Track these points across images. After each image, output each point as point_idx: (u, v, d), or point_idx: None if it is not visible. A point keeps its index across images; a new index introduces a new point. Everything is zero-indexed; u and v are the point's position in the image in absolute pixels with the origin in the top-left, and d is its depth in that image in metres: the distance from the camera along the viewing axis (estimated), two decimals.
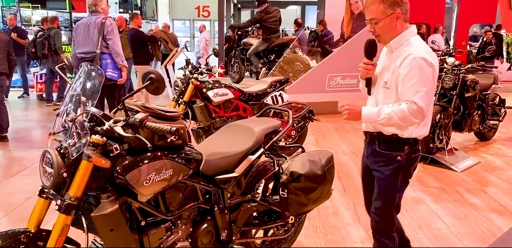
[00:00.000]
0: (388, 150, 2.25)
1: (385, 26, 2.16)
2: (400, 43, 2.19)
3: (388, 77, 2.18)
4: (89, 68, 1.83)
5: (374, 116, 2.13)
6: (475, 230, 3.37)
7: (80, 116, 1.81)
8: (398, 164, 2.24)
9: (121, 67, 4.84)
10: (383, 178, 2.28)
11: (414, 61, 2.08)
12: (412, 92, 2.08)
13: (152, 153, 1.92)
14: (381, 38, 2.21)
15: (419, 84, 2.08)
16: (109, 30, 4.73)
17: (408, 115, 2.09)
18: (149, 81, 1.78)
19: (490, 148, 5.77)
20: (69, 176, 1.77)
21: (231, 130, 2.56)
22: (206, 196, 2.29)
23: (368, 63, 2.21)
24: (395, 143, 2.24)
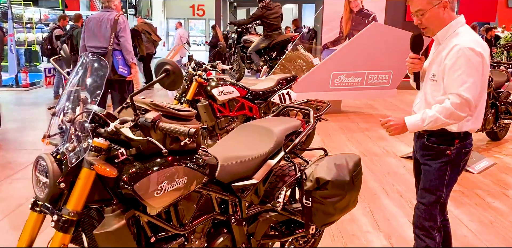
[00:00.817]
0: (437, 144, 2.17)
1: (432, 16, 2.08)
2: (447, 34, 2.10)
3: (435, 69, 2.11)
4: (90, 58, 1.55)
5: (419, 123, 2.08)
6: (504, 237, 3.14)
7: (80, 115, 1.54)
8: (447, 158, 2.16)
9: (131, 64, 4.95)
10: (430, 171, 2.20)
11: (461, 52, 1.98)
12: (458, 83, 1.99)
13: (163, 159, 1.65)
14: (428, 30, 2.14)
15: (465, 75, 1.98)
16: (122, 28, 4.83)
17: (454, 111, 2.00)
18: (164, 73, 1.51)
19: (503, 148, 5.55)
20: (67, 187, 1.50)
21: (248, 131, 2.29)
22: (221, 206, 2.02)
23: (414, 58, 2.15)
24: (445, 137, 2.15)
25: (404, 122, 2.10)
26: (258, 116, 4.37)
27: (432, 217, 2.23)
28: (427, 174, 2.22)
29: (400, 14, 10.90)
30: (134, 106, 1.51)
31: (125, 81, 5.03)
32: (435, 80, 2.11)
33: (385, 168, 4.67)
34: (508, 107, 5.68)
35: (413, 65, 2.17)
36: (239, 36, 8.78)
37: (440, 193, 2.21)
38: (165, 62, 1.52)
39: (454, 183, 2.24)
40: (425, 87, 2.18)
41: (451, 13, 2.09)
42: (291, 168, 2.28)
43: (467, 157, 2.22)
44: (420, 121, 2.07)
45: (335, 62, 7.19)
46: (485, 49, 2.02)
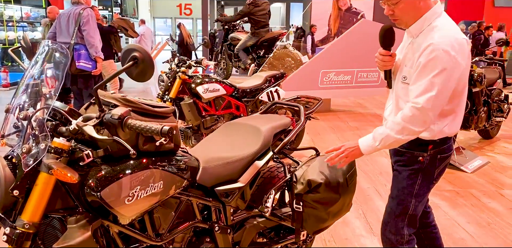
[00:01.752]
0: (409, 149, 1.92)
1: (407, 6, 1.75)
2: (422, 28, 1.78)
3: (406, 71, 1.82)
4: (51, 47, 1.35)
5: (371, 143, 1.82)
6: (503, 240, 3.00)
7: (39, 112, 1.34)
8: (419, 165, 1.91)
9: (96, 58, 4.79)
10: (400, 179, 1.97)
11: (434, 54, 1.67)
12: (419, 91, 1.70)
13: (136, 161, 1.46)
14: (401, 22, 1.82)
15: (430, 84, 1.68)
16: (85, 21, 4.69)
17: (406, 126, 1.73)
18: (131, 61, 1.30)
19: (495, 147, 5.45)
20: (23, 195, 1.30)
21: (233, 129, 2.10)
22: (204, 213, 1.84)
23: (385, 54, 1.84)
24: (417, 142, 1.88)
25: (358, 144, 1.84)
26: (245, 114, 4.18)
27: (398, 230, 1.97)
28: (396, 181, 1.99)
29: None
30: (99, 101, 1.31)
31: (91, 76, 4.90)
32: (406, 83, 1.82)
33: (377, 168, 4.53)
34: (500, 105, 5.58)
35: (383, 62, 1.87)
36: (226, 34, 8.58)
37: (407, 203, 1.95)
38: (133, 49, 1.32)
39: (425, 193, 1.97)
40: (396, 90, 1.90)
41: (428, 2, 1.78)
42: (280, 170, 2.10)
43: (443, 164, 1.95)
44: (372, 141, 1.81)
45: (324, 60, 7.04)
46: (462, 49, 1.70)
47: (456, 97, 1.82)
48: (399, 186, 1.97)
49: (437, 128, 1.84)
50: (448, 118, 1.84)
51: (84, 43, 4.76)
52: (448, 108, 1.81)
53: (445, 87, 1.69)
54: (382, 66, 1.89)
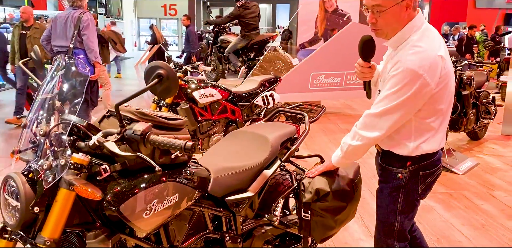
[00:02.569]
0: (388, 164, 1.85)
1: (392, 17, 1.66)
2: (400, 41, 1.72)
3: (381, 86, 1.79)
4: (67, 61, 1.35)
5: (338, 154, 1.87)
6: (498, 242, 3.07)
7: (56, 127, 1.33)
8: (398, 182, 1.82)
9: (94, 63, 4.76)
10: (381, 196, 1.92)
11: (399, 70, 1.63)
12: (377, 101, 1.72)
13: (151, 174, 1.46)
14: (381, 32, 1.73)
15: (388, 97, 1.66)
16: (85, 25, 4.65)
17: (357, 131, 1.76)
18: (156, 79, 1.31)
19: (484, 148, 5.56)
20: (43, 211, 1.29)
21: (240, 138, 2.11)
22: (214, 223, 1.85)
23: (363, 66, 1.77)
24: (396, 157, 1.81)
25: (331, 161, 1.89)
26: (240, 119, 4.20)
27: (389, 246, 1.93)
28: (378, 199, 1.93)
29: None
30: (121, 117, 1.31)
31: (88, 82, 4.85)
32: None
33: (370, 170, 4.57)
34: (488, 107, 5.70)
35: (362, 74, 1.79)
36: (216, 36, 8.57)
37: (392, 221, 1.88)
38: (158, 66, 1.32)
39: (411, 210, 1.88)
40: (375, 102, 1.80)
41: (412, 13, 1.70)
42: (285, 177, 2.12)
43: (429, 180, 1.84)
44: (338, 152, 1.84)
45: (314, 63, 7.09)
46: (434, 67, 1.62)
47: (439, 115, 1.75)
48: (381, 204, 1.92)
49: (413, 145, 1.76)
50: (425, 135, 1.76)
51: (82, 47, 4.70)
52: (426, 125, 1.75)
53: (403, 104, 1.64)
54: (361, 77, 1.83)
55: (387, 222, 1.90)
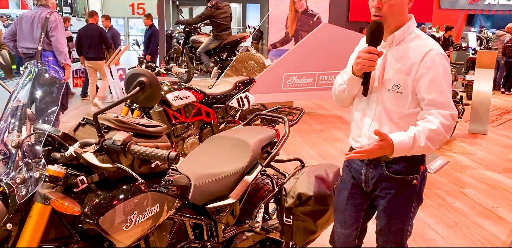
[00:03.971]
0: (401, 174, 1.73)
1: (398, 5, 1.64)
2: (405, 35, 1.70)
3: (400, 79, 1.67)
4: (39, 68, 1.27)
5: (407, 149, 1.61)
6: (471, 239, 3.15)
7: (29, 137, 1.26)
8: (413, 189, 1.76)
9: (64, 65, 4.60)
10: (394, 208, 1.77)
11: (438, 58, 1.63)
12: (445, 100, 1.63)
13: (130, 185, 1.40)
14: (384, 21, 1.65)
15: (447, 89, 1.64)
16: (53, 26, 4.46)
17: (445, 135, 1.63)
18: (138, 87, 1.25)
19: (453, 146, 5.70)
20: (16, 227, 1.21)
21: (220, 143, 2.06)
22: (195, 232, 1.80)
23: (373, 52, 1.64)
24: (410, 163, 1.73)
25: (392, 144, 1.59)
26: (215, 121, 4.14)
27: None
28: (389, 211, 1.78)
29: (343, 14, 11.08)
30: (99, 126, 1.25)
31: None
32: (399, 92, 1.68)
33: None
34: (456, 106, 5.85)
35: (369, 62, 1.64)
36: (187, 36, 8.45)
37: (406, 228, 1.82)
38: (139, 73, 1.26)
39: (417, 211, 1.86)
40: (382, 101, 1.72)
41: (408, 12, 1.73)
42: (267, 183, 2.10)
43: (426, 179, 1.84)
44: (409, 148, 1.60)
45: (287, 63, 7.10)
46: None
47: None
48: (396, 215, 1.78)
49: None
50: None
51: (51, 49, 4.53)
52: None
53: (451, 92, 1.68)
54: (367, 67, 1.65)
55: (403, 231, 1.81)
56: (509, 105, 8.90)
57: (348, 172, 1.87)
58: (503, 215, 3.55)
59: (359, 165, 1.81)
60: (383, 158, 1.72)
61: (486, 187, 4.20)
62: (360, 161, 1.80)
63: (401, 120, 1.69)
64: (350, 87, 1.77)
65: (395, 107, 1.70)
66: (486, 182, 4.33)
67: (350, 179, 1.85)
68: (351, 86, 1.77)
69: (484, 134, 6.23)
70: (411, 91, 1.67)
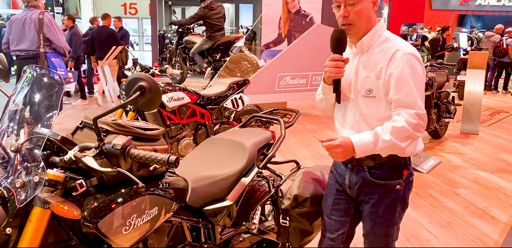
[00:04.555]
0: (384, 179, 1.73)
1: (364, 10, 1.65)
2: (373, 40, 1.70)
3: (372, 83, 1.67)
4: (39, 72, 1.27)
5: (370, 147, 1.63)
6: (463, 239, 3.18)
7: (28, 141, 1.26)
8: (396, 194, 1.75)
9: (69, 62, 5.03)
10: (378, 213, 1.77)
11: (405, 58, 1.62)
12: (412, 98, 1.62)
13: (129, 188, 1.41)
14: (353, 28, 1.67)
15: (415, 87, 1.62)
16: (49, 27, 4.57)
17: (413, 133, 1.62)
18: (138, 91, 1.26)
19: (445, 147, 5.75)
20: (15, 231, 1.21)
21: (216, 145, 2.07)
22: (193, 234, 1.81)
23: (338, 59, 1.65)
24: (392, 168, 1.73)
25: (352, 145, 1.61)
26: (210, 122, 4.15)
27: None
28: (372, 216, 1.78)
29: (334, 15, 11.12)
30: (99, 130, 1.25)
31: None
32: (372, 97, 1.68)
33: None
34: (448, 106, 5.91)
35: (337, 69, 1.65)
36: (180, 37, 8.44)
37: (392, 232, 1.83)
38: (139, 78, 1.27)
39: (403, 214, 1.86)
40: (358, 106, 1.72)
41: (375, 16, 1.72)
42: (263, 184, 2.11)
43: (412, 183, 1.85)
44: (371, 145, 1.61)
45: (280, 64, 7.12)
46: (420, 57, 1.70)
47: None
48: (380, 221, 1.79)
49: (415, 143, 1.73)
50: None
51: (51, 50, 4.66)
52: None
53: (422, 90, 1.66)
54: (335, 74, 1.66)
55: (388, 235, 1.82)
56: (500, 105, 9.00)
57: (333, 178, 1.88)
58: (495, 214, 3.60)
59: (343, 170, 1.82)
60: (366, 163, 1.73)
61: (478, 187, 4.25)
62: (344, 166, 1.81)
63: (380, 123, 1.68)
64: (326, 95, 1.81)
65: (371, 111, 1.70)
66: (478, 182, 4.38)
67: (335, 185, 1.87)
68: (326, 95, 1.80)
69: (475, 134, 6.29)
70: (384, 94, 1.67)
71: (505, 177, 4.55)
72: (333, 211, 1.86)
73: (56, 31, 4.65)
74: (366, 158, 1.71)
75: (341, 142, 1.62)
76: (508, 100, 9.83)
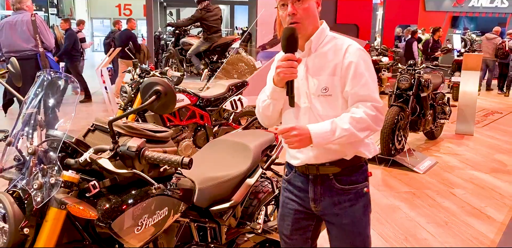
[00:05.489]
0: (352, 183, 1.64)
1: (311, 9, 1.60)
2: (321, 38, 1.64)
3: (328, 81, 1.60)
4: (53, 76, 1.30)
5: (328, 135, 1.53)
6: (461, 238, 3.23)
7: (43, 144, 1.29)
8: (366, 198, 1.67)
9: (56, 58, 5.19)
10: (354, 223, 1.66)
11: (359, 53, 1.59)
12: (369, 90, 1.57)
13: (140, 189, 1.45)
14: (301, 26, 1.60)
15: (371, 80, 1.59)
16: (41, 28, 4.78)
17: (371, 124, 1.55)
18: (154, 95, 1.29)
19: (441, 147, 5.82)
20: (32, 231, 1.24)
21: (221, 147, 2.11)
22: (199, 234, 1.84)
23: (291, 58, 1.54)
24: (358, 170, 1.66)
25: (309, 132, 1.52)
26: (209, 124, 4.19)
27: None
28: (349, 227, 1.66)
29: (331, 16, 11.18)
30: (113, 133, 1.29)
31: None
32: (328, 95, 1.60)
33: None
34: (443, 108, 5.98)
35: (290, 69, 1.53)
36: (177, 39, 8.47)
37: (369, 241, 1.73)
38: (155, 82, 1.31)
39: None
40: (314, 108, 1.63)
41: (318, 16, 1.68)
42: (266, 185, 2.15)
43: None
44: (329, 133, 1.53)
45: None
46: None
47: None
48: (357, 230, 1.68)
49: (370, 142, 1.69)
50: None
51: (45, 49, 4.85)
52: None
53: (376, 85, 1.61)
54: (289, 75, 1.54)
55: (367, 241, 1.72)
56: (494, 106, 9.11)
57: (288, 195, 1.76)
58: (491, 214, 3.66)
59: (304, 183, 1.69)
60: (331, 171, 1.65)
61: (474, 187, 4.31)
62: (304, 178, 1.69)
63: None
64: (275, 101, 1.66)
65: (328, 111, 1.62)
66: (474, 182, 4.44)
67: (292, 203, 1.74)
68: (276, 100, 1.66)
69: (470, 134, 6.37)
70: (340, 92, 1.62)
71: (500, 177, 4.62)
72: (293, 230, 1.75)
73: (47, 31, 4.90)
74: (330, 164, 1.64)
75: (296, 126, 1.54)
76: (502, 101, 9.95)
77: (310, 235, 1.77)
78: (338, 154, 1.63)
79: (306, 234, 1.76)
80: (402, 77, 5.16)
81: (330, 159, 1.63)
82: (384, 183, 4.37)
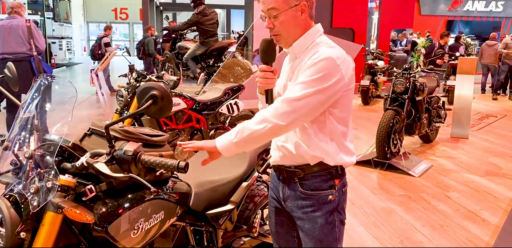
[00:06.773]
0: (315, 189, 1.65)
1: (288, 21, 1.61)
2: (305, 45, 1.64)
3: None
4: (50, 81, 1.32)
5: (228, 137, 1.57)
6: (456, 241, 3.25)
7: (40, 148, 1.30)
8: (331, 205, 1.66)
9: None
10: (316, 228, 1.65)
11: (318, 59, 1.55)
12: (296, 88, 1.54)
13: (136, 193, 1.45)
14: (281, 38, 1.64)
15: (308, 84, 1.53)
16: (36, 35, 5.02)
17: (266, 117, 1.52)
18: (150, 100, 1.31)
19: (436, 151, 5.85)
20: (29, 236, 1.25)
21: None
22: (196, 237, 1.85)
23: (266, 70, 1.63)
24: (323, 177, 1.65)
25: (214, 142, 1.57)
26: (206, 128, 4.20)
27: None
28: (310, 232, 1.66)
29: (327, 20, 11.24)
30: (110, 137, 1.30)
31: None
32: None
33: None
34: (439, 111, 6.01)
35: (265, 80, 1.61)
36: (174, 43, 8.49)
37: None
38: (152, 87, 1.32)
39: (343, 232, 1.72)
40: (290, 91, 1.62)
41: (309, 21, 1.66)
42: (262, 189, 2.16)
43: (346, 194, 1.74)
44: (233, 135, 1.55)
45: None
46: (347, 63, 1.59)
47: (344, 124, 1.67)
48: (320, 237, 1.66)
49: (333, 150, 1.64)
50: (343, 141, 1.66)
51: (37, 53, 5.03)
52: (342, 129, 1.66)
53: (324, 91, 1.53)
54: (264, 85, 1.63)
55: None
56: (489, 110, 9.16)
57: (270, 193, 1.80)
58: (485, 217, 3.68)
59: (277, 183, 1.74)
60: (296, 174, 1.66)
61: (469, 190, 4.33)
62: (277, 178, 1.74)
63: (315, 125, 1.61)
64: (264, 105, 1.70)
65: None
66: (469, 185, 4.47)
67: (273, 201, 1.78)
68: (264, 105, 1.71)
69: (465, 138, 6.40)
70: None
71: (495, 180, 4.65)
72: (278, 228, 1.79)
73: (40, 37, 5.11)
74: (296, 168, 1.65)
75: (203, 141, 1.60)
76: (496, 104, 10.02)
77: (296, 234, 1.77)
78: (303, 159, 1.64)
79: (291, 233, 1.78)
80: (397, 81, 5.19)
81: (296, 162, 1.66)
82: (380, 186, 4.39)
